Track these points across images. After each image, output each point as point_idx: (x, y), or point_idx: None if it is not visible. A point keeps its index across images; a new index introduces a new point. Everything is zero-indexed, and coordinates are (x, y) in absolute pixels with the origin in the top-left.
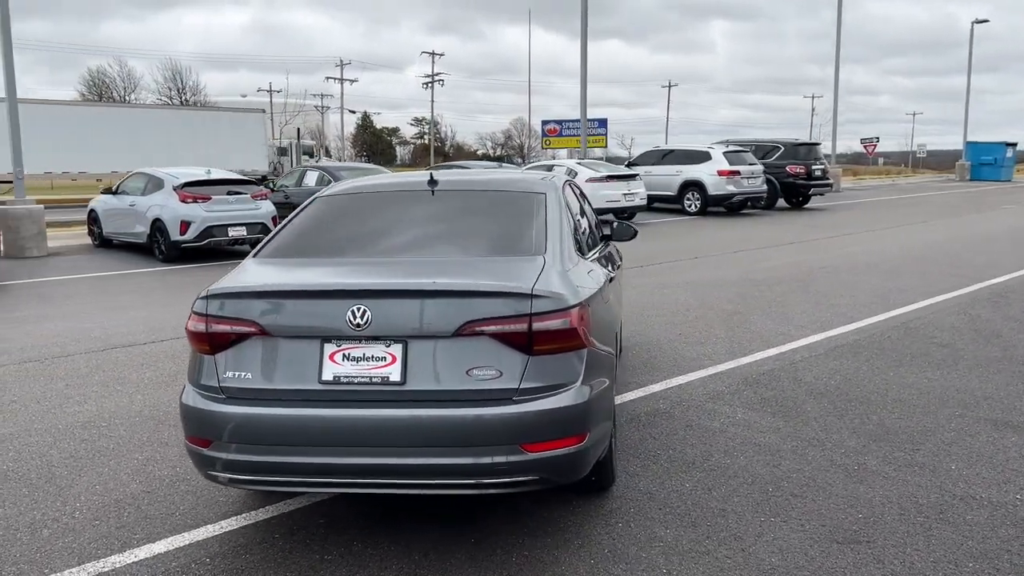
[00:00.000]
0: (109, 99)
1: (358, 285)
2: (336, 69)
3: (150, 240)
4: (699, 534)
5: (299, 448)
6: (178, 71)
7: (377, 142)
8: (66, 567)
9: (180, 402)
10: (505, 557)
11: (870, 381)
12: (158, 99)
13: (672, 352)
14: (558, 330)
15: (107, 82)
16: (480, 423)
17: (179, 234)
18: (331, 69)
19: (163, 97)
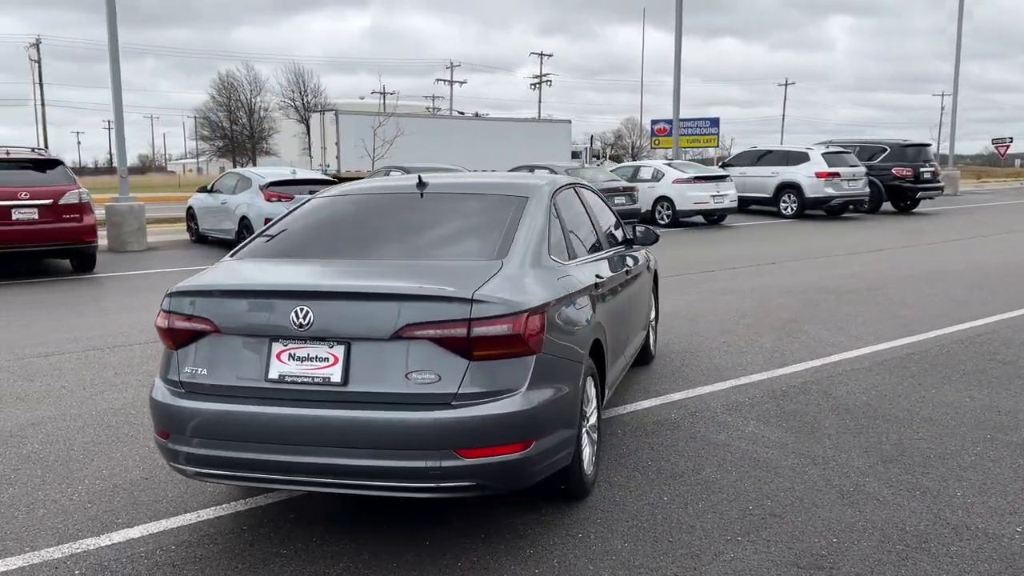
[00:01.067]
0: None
1: (300, 286)
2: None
3: (238, 236)
4: (656, 550)
5: (248, 445)
6: (300, 74)
7: None
8: (45, 546)
9: (149, 395)
10: (451, 561)
11: (906, 398)
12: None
13: (708, 360)
14: (500, 336)
15: (235, 85)
16: (413, 427)
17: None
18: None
19: (286, 99)
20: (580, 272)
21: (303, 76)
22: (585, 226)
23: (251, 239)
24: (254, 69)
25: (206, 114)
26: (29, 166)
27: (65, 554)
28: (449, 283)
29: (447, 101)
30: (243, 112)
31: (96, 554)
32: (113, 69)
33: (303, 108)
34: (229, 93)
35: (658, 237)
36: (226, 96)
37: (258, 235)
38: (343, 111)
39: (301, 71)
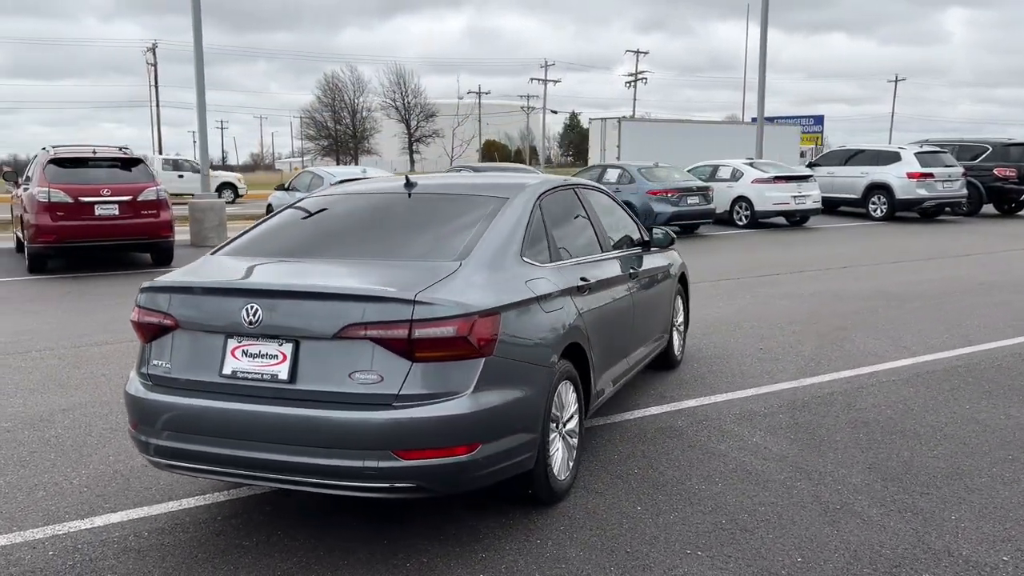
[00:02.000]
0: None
1: (250, 284)
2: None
3: None
4: (609, 560)
5: (204, 438)
6: (401, 75)
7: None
8: (31, 527)
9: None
10: (402, 561)
11: (934, 413)
12: (383, 102)
13: (736, 367)
14: (444, 338)
15: (339, 86)
16: (353, 427)
17: None
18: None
19: (387, 100)
20: (559, 274)
21: (404, 77)
22: (581, 228)
23: (237, 236)
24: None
25: (311, 114)
26: (114, 164)
27: (47, 535)
28: (395, 284)
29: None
30: (346, 112)
31: (73, 536)
32: (198, 76)
33: (403, 108)
34: (333, 94)
35: (673, 239)
36: (330, 97)
37: (244, 232)
38: (626, 120)
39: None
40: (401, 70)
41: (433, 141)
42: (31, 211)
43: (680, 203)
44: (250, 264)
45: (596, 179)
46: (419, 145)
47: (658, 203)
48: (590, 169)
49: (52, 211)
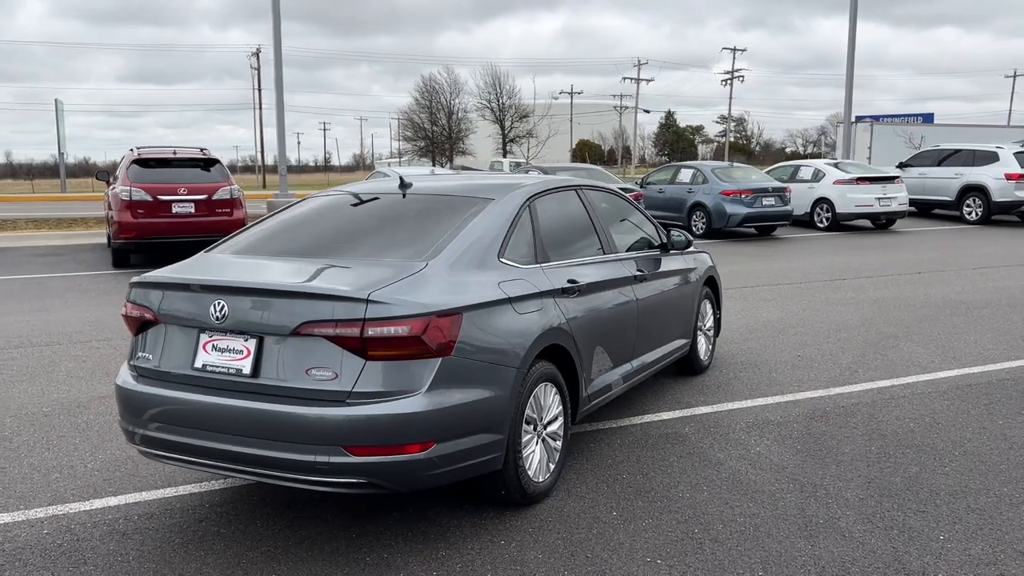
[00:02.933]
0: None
1: (217, 281)
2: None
3: None
4: (567, 564)
5: (178, 428)
6: (497, 76)
7: (678, 141)
8: (36, 506)
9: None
10: (363, 555)
11: (961, 428)
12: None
13: (766, 374)
14: (397, 337)
15: (436, 88)
16: (307, 422)
17: None
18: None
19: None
20: (543, 276)
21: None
22: (579, 230)
23: (233, 235)
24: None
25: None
26: (193, 165)
27: (48, 515)
28: (353, 283)
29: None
30: (443, 113)
31: (70, 517)
32: (277, 80)
33: (498, 109)
34: (430, 96)
35: (690, 242)
36: (428, 99)
37: (241, 231)
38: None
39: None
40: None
41: (527, 141)
42: (115, 209)
43: (754, 204)
44: (232, 261)
45: (669, 179)
46: (513, 145)
47: (731, 204)
48: (663, 169)
49: (133, 209)
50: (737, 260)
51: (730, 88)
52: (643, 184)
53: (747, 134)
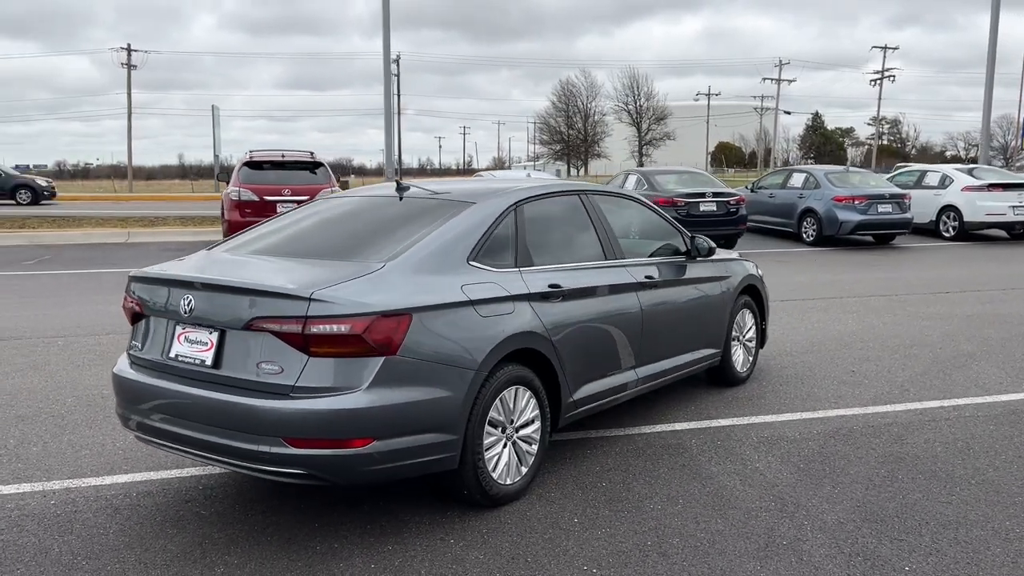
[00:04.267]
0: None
1: (186, 276)
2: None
3: None
4: (504, 567)
5: (155, 414)
6: (635, 78)
7: (825, 143)
8: (56, 479)
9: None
10: (315, 544)
11: (989, 455)
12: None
13: (809, 389)
14: (338, 335)
15: (573, 91)
16: (252, 413)
17: None
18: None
19: (619, 104)
20: (519, 280)
21: (637, 80)
22: (576, 235)
23: (237, 234)
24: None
25: (545, 119)
26: (300, 167)
27: (62, 487)
28: (302, 282)
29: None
30: (579, 117)
31: (79, 491)
32: (386, 82)
33: (635, 112)
34: (567, 99)
35: (713, 248)
36: (564, 102)
37: (246, 230)
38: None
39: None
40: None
41: (664, 144)
42: (226, 208)
43: (868, 211)
44: (218, 259)
45: (781, 184)
46: (649, 148)
47: (843, 210)
48: (776, 172)
49: (241, 208)
50: (838, 269)
51: (879, 88)
52: (754, 188)
53: (902, 136)
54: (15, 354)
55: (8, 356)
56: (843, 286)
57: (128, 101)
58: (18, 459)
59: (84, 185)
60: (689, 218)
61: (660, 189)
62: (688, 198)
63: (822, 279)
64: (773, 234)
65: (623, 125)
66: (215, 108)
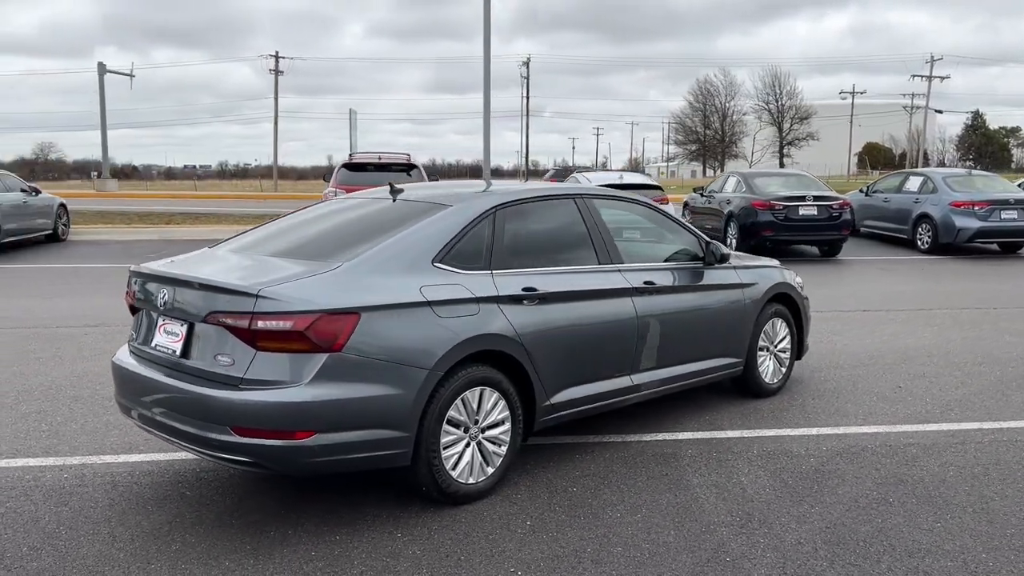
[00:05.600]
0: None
1: (163, 272)
2: (942, 66)
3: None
4: (433, 562)
5: (139, 400)
6: (776, 77)
7: (987, 144)
8: (78, 454)
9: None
10: (268, 529)
11: (1005, 484)
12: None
13: (843, 404)
14: (281, 331)
15: (711, 91)
16: (204, 401)
17: None
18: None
19: (760, 103)
20: (490, 282)
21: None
22: (564, 238)
23: (240, 233)
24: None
25: (681, 119)
26: (396, 169)
27: (80, 463)
28: (251, 279)
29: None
30: (716, 116)
31: (92, 468)
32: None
33: (776, 111)
34: (705, 99)
35: (725, 256)
36: (702, 102)
37: (249, 230)
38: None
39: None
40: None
41: (807, 144)
42: None
43: (989, 218)
44: (205, 256)
45: (897, 187)
46: (790, 148)
47: (961, 217)
48: (892, 175)
49: None
50: (944, 280)
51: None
52: (868, 192)
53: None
54: (100, 339)
55: (92, 342)
56: (939, 297)
57: (275, 105)
58: (55, 435)
59: (237, 184)
60: (787, 223)
61: (758, 192)
62: (786, 202)
63: (919, 289)
64: (887, 241)
65: (763, 125)
66: (352, 112)
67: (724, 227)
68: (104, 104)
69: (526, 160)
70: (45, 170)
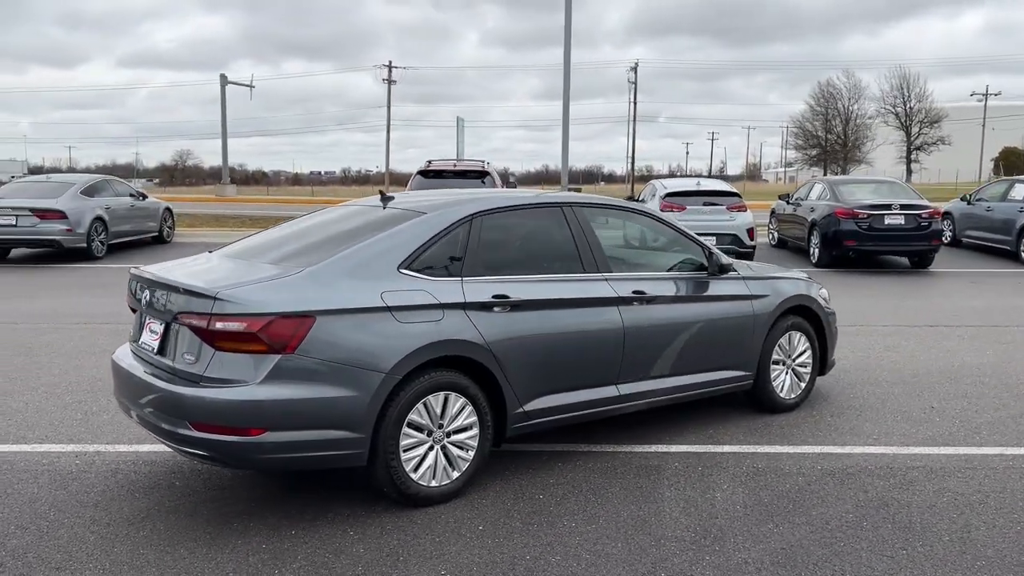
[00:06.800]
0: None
1: (144, 274)
2: None
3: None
4: (374, 561)
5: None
6: (905, 78)
7: None
8: (95, 443)
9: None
10: (226, 521)
11: (992, 514)
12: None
13: (860, 422)
14: (235, 332)
15: (833, 93)
16: (167, 396)
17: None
18: None
19: (886, 106)
20: (459, 289)
21: (907, 80)
22: (547, 247)
23: (239, 240)
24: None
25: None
26: (469, 176)
27: (94, 451)
28: (212, 282)
29: None
30: (838, 120)
31: (103, 455)
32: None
33: (904, 115)
34: (827, 102)
35: (724, 267)
36: (823, 105)
37: (247, 236)
38: None
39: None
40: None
41: (937, 149)
42: None
43: None
44: (197, 259)
45: (1000, 195)
46: (919, 153)
47: None
48: (998, 183)
49: None
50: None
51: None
52: (971, 200)
53: None
54: None
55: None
56: (1019, 314)
57: (387, 113)
58: (84, 424)
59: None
60: (871, 232)
61: (842, 200)
62: (871, 210)
63: (1004, 305)
64: (989, 252)
65: (890, 129)
66: (460, 119)
67: (807, 236)
68: (225, 114)
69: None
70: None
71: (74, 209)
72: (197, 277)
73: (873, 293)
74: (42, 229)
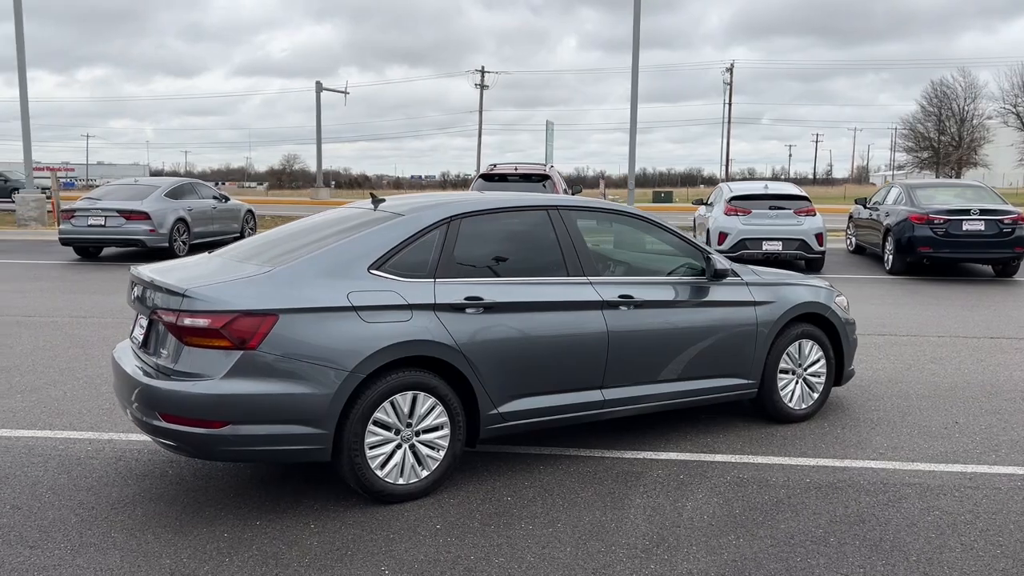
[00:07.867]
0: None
1: (135, 273)
2: None
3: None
4: (320, 553)
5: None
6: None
7: None
8: (109, 431)
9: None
10: (199, 510)
11: (977, 535)
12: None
13: (870, 436)
14: (200, 328)
15: (948, 93)
16: (142, 388)
17: (717, 244)
18: None
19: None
20: (430, 290)
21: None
22: (526, 250)
23: (240, 241)
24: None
25: (912, 124)
26: (530, 179)
27: (106, 439)
28: (183, 280)
29: None
30: (952, 121)
31: (114, 444)
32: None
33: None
34: (940, 102)
35: (720, 272)
36: (936, 105)
37: (248, 238)
38: None
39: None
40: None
41: None
42: None
43: None
44: (191, 259)
45: None
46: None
47: None
48: None
49: None
50: None
51: None
52: None
53: None
54: None
55: None
56: None
57: (479, 117)
58: (108, 414)
59: None
60: (947, 239)
61: (917, 204)
62: (947, 215)
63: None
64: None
65: (1010, 130)
66: (549, 123)
67: (882, 242)
68: (319, 119)
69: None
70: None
71: (158, 210)
72: (175, 276)
73: (939, 302)
74: (128, 229)
